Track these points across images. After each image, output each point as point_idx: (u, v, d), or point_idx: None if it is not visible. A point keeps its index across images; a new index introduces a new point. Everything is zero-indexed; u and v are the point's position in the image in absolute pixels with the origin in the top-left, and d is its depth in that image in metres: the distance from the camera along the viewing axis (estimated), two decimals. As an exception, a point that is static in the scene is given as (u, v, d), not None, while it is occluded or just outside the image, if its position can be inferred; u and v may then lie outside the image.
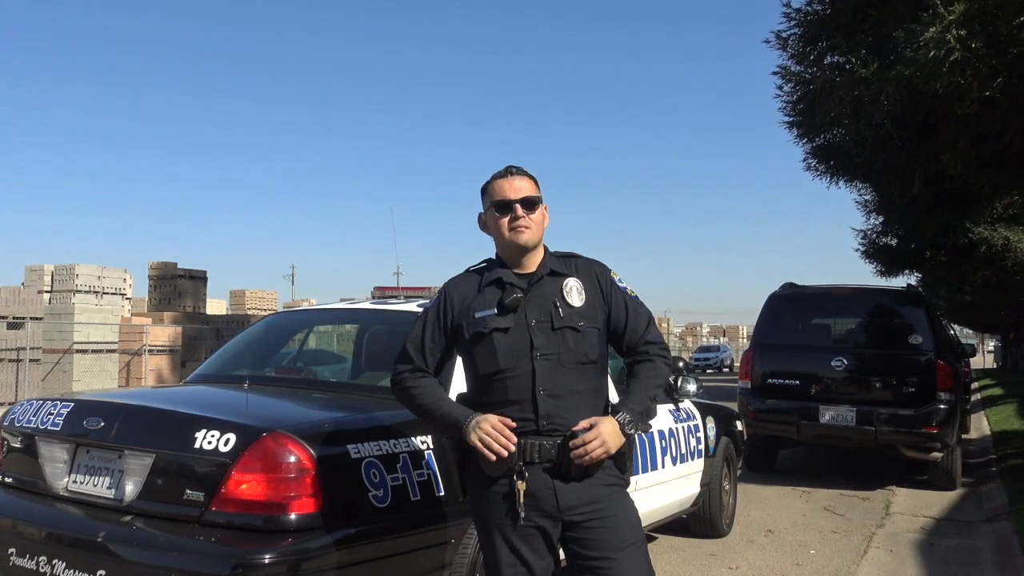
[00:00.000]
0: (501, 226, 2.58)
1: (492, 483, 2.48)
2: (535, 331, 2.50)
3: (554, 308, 2.53)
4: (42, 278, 19.03)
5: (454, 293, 2.64)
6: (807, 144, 10.19)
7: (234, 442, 2.94)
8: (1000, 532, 6.27)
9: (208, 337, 19.78)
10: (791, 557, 5.64)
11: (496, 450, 2.40)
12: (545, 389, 2.47)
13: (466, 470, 2.59)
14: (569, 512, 2.45)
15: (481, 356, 2.53)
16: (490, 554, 2.53)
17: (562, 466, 2.44)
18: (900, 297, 9.08)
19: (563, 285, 2.58)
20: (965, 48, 5.79)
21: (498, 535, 2.48)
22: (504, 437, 2.40)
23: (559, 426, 2.46)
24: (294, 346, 4.86)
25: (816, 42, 8.20)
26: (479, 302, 2.57)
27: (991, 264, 16.44)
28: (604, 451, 2.41)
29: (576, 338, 2.52)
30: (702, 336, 70.62)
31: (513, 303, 2.51)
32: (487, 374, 2.52)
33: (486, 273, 2.63)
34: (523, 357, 2.48)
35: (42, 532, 3.18)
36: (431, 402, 2.57)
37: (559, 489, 2.45)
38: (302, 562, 2.85)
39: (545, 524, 2.46)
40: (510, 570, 2.47)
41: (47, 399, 3.59)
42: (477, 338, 2.54)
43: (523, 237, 2.56)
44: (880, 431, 8.02)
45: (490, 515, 2.50)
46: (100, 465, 3.23)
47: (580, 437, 2.41)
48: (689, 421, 5.50)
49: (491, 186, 2.63)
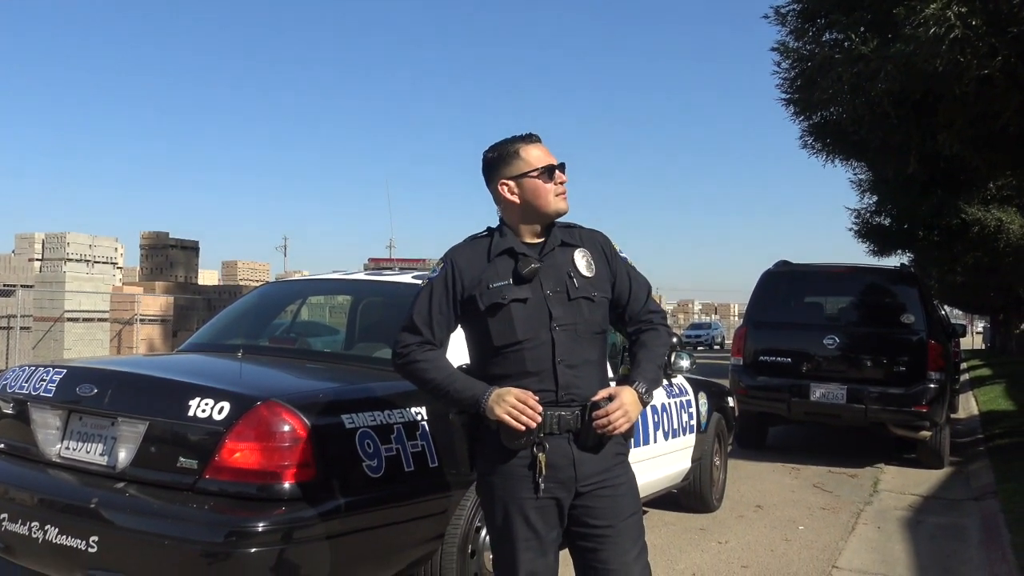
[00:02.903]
0: (546, 192, 2.51)
1: (511, 456, 2.43)
2: (552, 301, 2.46)
3: (568, 279, 2.49)
4: (32, 246, 18.89)
5: (462, 263, 2.53)
6: (804, 121, 10.12)
7: (228, 410, 2.94)
8: (987, 510, 6.32)
9: (200, 307, 19.68)
10: (780, 532, 5.69)
11: (525, 422, 2.35)
12: (563, 360, 2.43)
13: (477, 444, 2.53)
14: (584, 482, 2.44)
15: (498, 327, 2.46)
16: (504, 527, 2.46)
17: (581, 436, 2.43)
18: (893, 276, 9.11)
19: (574, 255, 2.54)
20: (966, 26, 5.75)
21: (515, 509, 2.43)
22: (531, 408, 2.36)
23: (576, 396, 2.44)
24: (288, 316, 4.85)
25: (815, 18, 8.14)
26: (492, 272, 2.49)
27: (983, 245, 16.45)
28: (627, 420, 2.41)
29: (591, 308, 2.50)
30: (694, 313, 70.63)
31: (530, 273, 2.46)
32: (503, 345, 2.46)
33: (494, 242, 2.54)
34: (542, 328, 2.44)
35: (35, 498, 3.18)
36: (443, 377, 2.48)
37: (578, 459, 2.43)
38: (295, 531, 2.85)
39: (562, 495, 2.43)
40: (524, 544, 2.43)
41: (40, 365, 3.57)
42: (494, 309, 2.46)
43: (566, 204, 2.54)
44: (870, 409, 8.06)
45: (507, 488, 2.44)
46: (93, 432, 3.22)
47: (603, 408, 2.39)
48: (681, 396, 5.52)
49: (521, 152, 2.53)
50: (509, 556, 2.46)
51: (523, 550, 2.43)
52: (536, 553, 2.44)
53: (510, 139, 2.57)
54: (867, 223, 19.55)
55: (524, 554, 2.43)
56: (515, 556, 2.44)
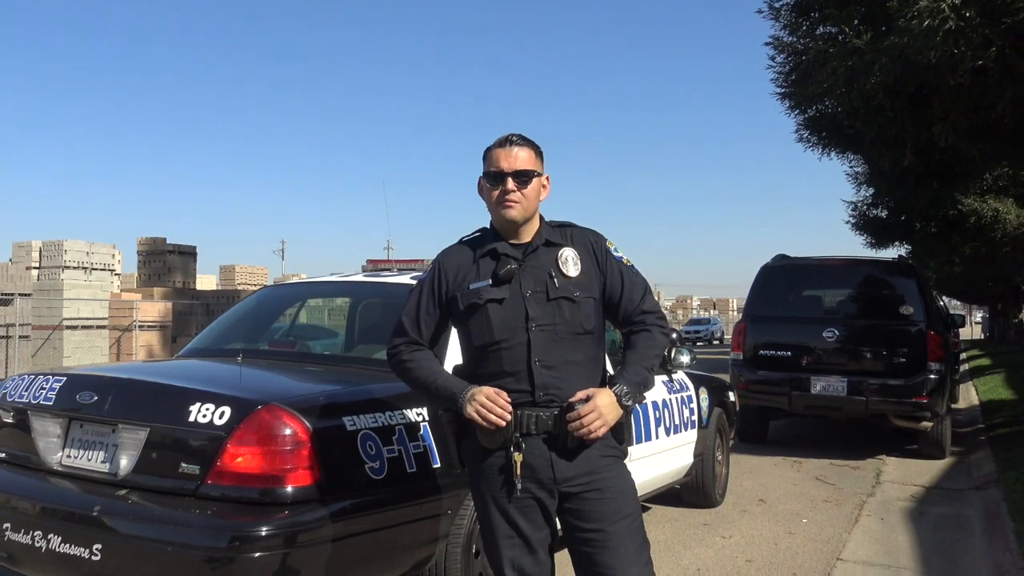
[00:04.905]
0: (491, 198, 2.54)
1: (489, 455, 2.47)
2: (530, 302, 2.48)
3: (549, 279, 2.50)
4: (30, 254, 18.86)
5: (448, 264, 2.60)
6: (799, 115, 10.15)
7: (229, 415, 2.93)
8: (989, 500, 6.33)
9: (198, 312, 19.69)
10: (783, 526, 5.69)
11: (492, 421, 2.38)
12: (540, 360, 2.45)
13: (463, 442, 2.58)
14: (566, 483, 2.44)
15: (476, 327, 2.51)
16: (487, 526, 2.52)
17: (559, 437, 2.43)
18: (891, 268, 9.11)
19: (558, 255, 2.55)
20: (959, 17, 5.76)
21: (495, 507, 2.48)
22: (499, 407, 2.39)
23: (556, 397, 2.44)
24: (287, 319, 4.84)
25: (809, 12, 8.13)
26: (473, 273, 2.54)
27: (980, 236, 16.46)
28: (602, 423, 2.40)
29: (572, 308, 2.49)
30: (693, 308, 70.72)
31: (507, 274, 2.49)
32: (482, 345, 2.50)
33: (480, 244, 2.59)
34: (518, 328, 2.46)
35: (36, 507, 3.17)
36: (427, 375, 2.55)
37: (556, 460, 2.44)
38: (298, 534, 2.85)
39: (542, 496, 2.45)
40: (507, 541, 2.47)
41: (40, 373, 3.57)
42: (472, 309, 2.51)
43: (511, 213, 2.51)
44: (871, 401, 8.07)
45: (487, 487, 2.49)
46: (94, 439, 3.21)
47: (576, 410, 2.39)
48: (682, 392, 5.52)
49: (490, 153, 2.56)
50: (494, 552, 2.51)
51: (506, 547, 2.47)
52: (522, 551, 2.46)
53: (498, 137, 2.60)
54: (864, 215, 19.58)
55: (508, 551, 2.47)
56: (499, 552, 2.48)
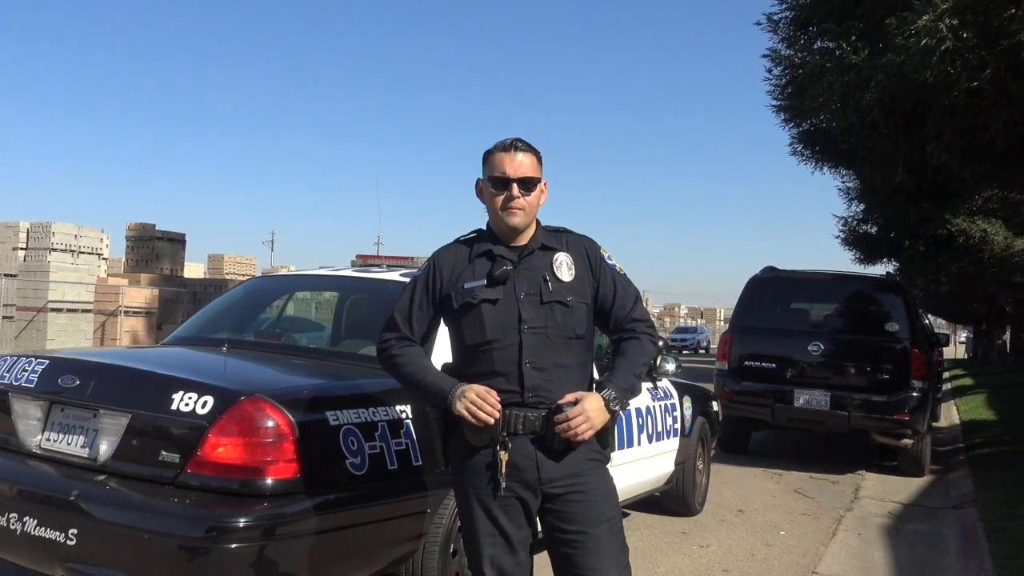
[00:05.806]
0: (495, 203, 2.54)
1: (475, 453, 2.48)
2: (523, 304, 2.49)
3: (543, 282, 2.52)
4: (17, 235, 18.71)
5: (443, 263, 2.61)
6: (794, 129, 10.18)
7: (211, 405, 2.92)
8: (965, 519, 6.37)
9: (185, 300, 19.60)
10: (761, 537, 5.71)
11: (481, 418, 2.40)
12: (531, 362, 2.47)
13: (449, 439, 2.59)
14: (550, 484, 2.46)
15: (469, 327, 2.52)
16: (469, 524, 2.53)
17: (546, 438, 2.45)
18: (879, 285, 9.16)
19: (553, 259, 2.56)
20: (957, 38, 5.79)
21: (478, 505, 2.49)
22: (489, 405, 2.40)
23: (544, 399, 2.46)
24: (274, 311, 4.82)
25: (807, 26, 8.17)
26: (469, 273, 2.56)
27: (968, 255, 16.60)
28: (589, 426, 2.42)
29: (564, 312, 2.52)
30: (680, 317, 70.86)
31: (502, 275, 2.50)
32: (474, 345, 2.51)
33: (476, 244, 2.60)
34: (510, 329, 2.48)
35: (14, 489, 3.14)
36: (416, 371, 2.56)
37: (541, 461, 2.45)
38: (277, 527, 2.84)
39: (525, 495, 2.46)
40: (488, 539, 2.48)
41: (22, 355, 3.54)
42: (465, 308, 2.52)
43: (514, 220, 2.52)
44: (853, 416, 8.10)
45: (471, 484, 2.50)
46: (74, 424, 3.19)
47: (564, 412, 2.41)
48: (666, 400, 5.53)
49: (492, 157, 2.56)
50: (474, 550, 2.52)
51: (487, 545, 2.48)
52: (503, 550, 2.48)
53: (500, 140, 2.60)
54: (854, 231, 19.71)
55: (488, 549, 2.48)
56: (479, 550, 2.49)
